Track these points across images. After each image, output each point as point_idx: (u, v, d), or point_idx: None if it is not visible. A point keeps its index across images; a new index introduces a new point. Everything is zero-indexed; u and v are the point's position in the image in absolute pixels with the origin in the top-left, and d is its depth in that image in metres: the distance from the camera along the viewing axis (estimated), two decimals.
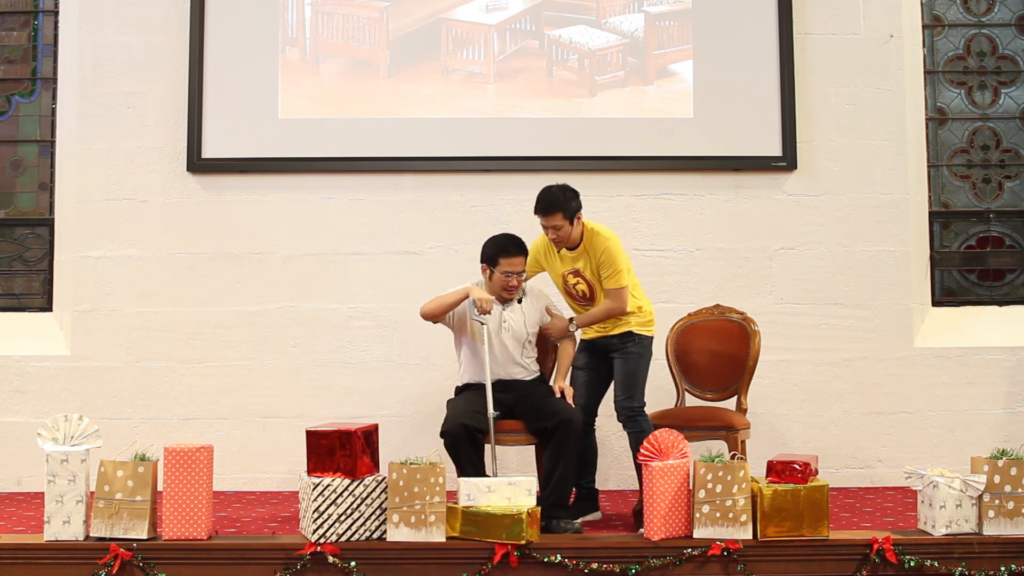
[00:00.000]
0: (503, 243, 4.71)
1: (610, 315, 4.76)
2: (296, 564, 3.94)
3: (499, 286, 4.71)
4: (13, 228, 6.26)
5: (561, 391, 4.70)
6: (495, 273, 4.70)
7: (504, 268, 4.67)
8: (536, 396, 4.70)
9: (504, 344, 4.74)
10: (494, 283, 4.73)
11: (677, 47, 6.05)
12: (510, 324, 4.76)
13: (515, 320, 4.77)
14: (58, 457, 3.99)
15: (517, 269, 4.68)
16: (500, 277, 4.69)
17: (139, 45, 6.05)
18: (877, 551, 3.94)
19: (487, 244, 4.76)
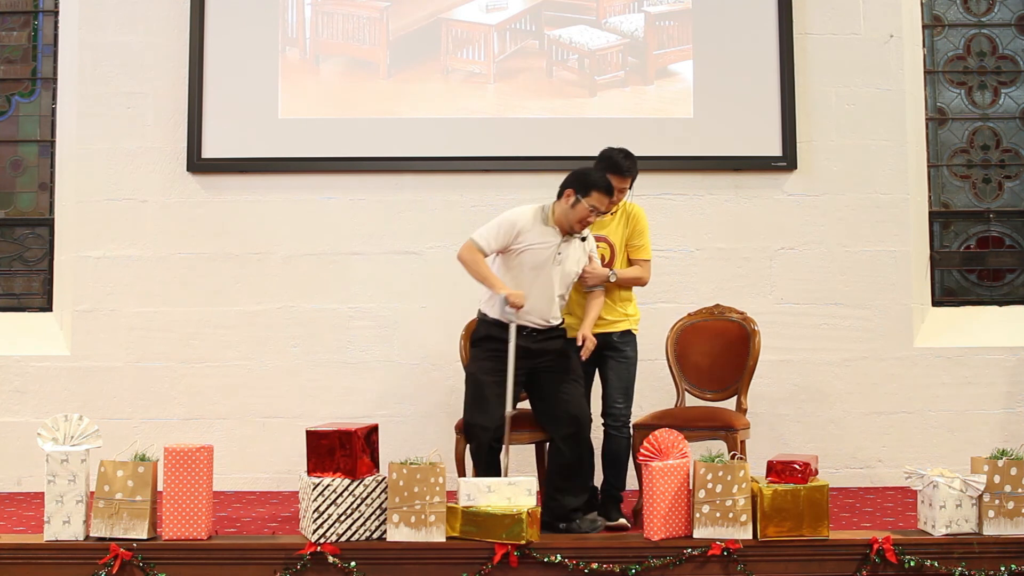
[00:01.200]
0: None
1: (638, 282, 4.75)
2: (296, 564, 3.94)
3: (576, 219, 4.39)
4: (13, 228, 6.26)
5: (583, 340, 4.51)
6: (581, 203, 4.37)
7: (594, 202, 4.36)
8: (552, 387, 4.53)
9: (551, 280, 4.44)
10: (574, 213, 4.39)
11: (677, 47, 6.05)
12: (563, 260, 4.46)
13: (570, 258, 4.49)
14: (58, 457, 3.99)
15: (605, 209, 4.43)
16: (584, 210, 4.36)
17: (139, 45, 6.05)
18: (877, 551, 3.94)
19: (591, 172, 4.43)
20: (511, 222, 4.49)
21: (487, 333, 4.53)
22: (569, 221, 4.43)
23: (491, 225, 4.52)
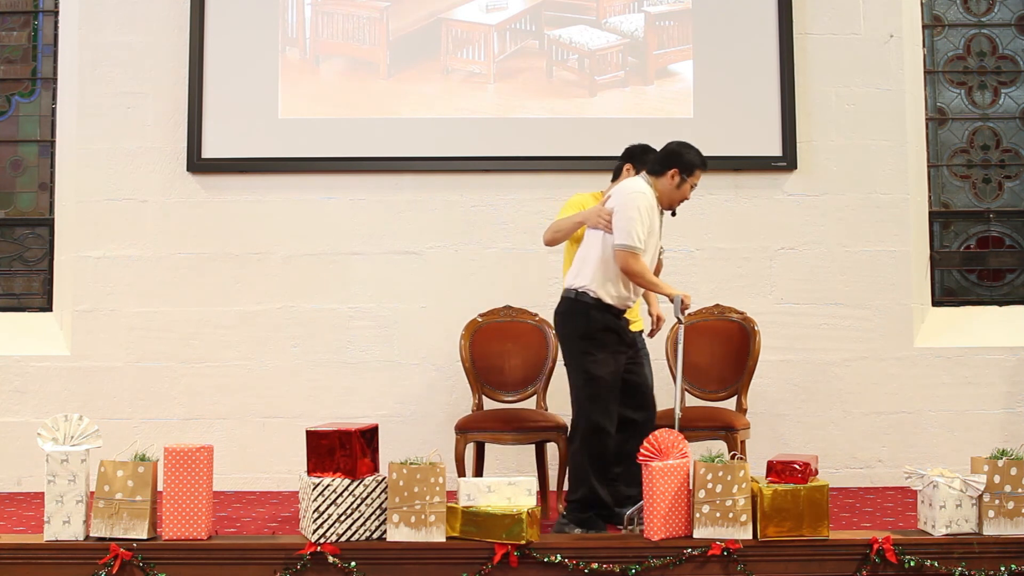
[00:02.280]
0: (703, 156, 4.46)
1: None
2: (296, 564, 3.93)
3: (680, 197, 4.39)
4: (13, 228, 6.26)
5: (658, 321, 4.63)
6: (685, 183, 4.36)
7: (695, 181, 4.39)
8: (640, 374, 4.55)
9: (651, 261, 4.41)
10: (679, 192, 4.38)
11: (677, 47, 6.05)
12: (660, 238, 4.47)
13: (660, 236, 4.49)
14: (58, 457, 3.99)
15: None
16: (688, 189, 4.38)
17: (139, 45, 6.05)
18: (877, 551, 3.94)
19: (688, 151, 4.40)
20: (648, 208, 4.33)
21: (607, 324, 4.34)
22: (672, 200, 4.40)
23: (630, 221, 4.26)
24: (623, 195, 4.34)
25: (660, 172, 4.39)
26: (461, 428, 4.87)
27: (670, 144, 4.47)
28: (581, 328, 4.35)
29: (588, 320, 4.33)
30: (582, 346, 4.35)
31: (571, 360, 4.41)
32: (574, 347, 4.38)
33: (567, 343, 4.43)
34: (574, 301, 4.37)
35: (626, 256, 4.25)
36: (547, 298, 5.90)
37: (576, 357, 4.37)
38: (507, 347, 5.28)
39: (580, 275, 4.40)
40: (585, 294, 4.35)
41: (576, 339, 4.37)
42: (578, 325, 4.35)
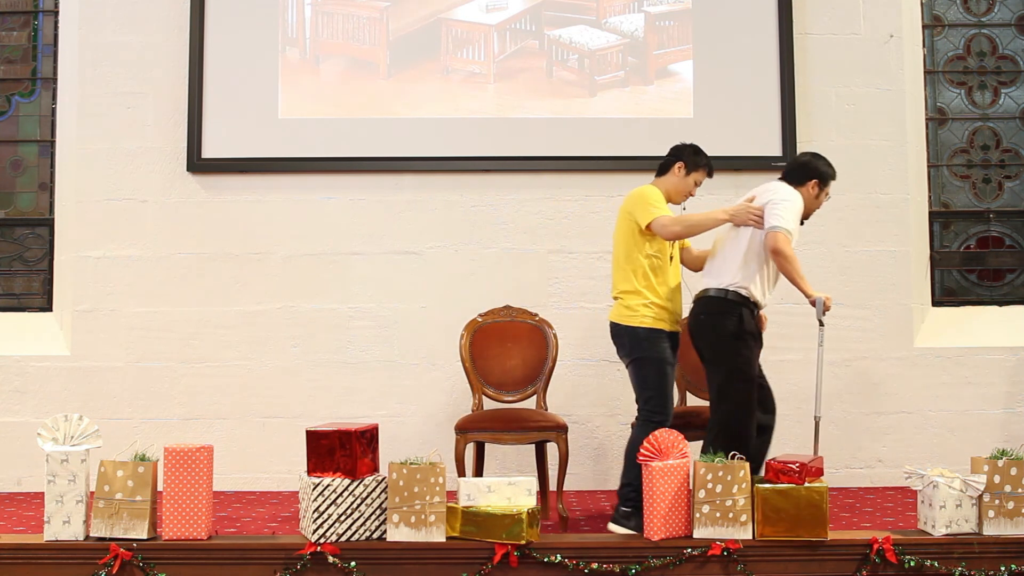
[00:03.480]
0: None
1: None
2: (296, 564, 3.94)
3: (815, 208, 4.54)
4: (13, 228, 6.26)
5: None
6: (821, 193, 4.51)
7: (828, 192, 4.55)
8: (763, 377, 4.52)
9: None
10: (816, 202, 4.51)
11: (677, 47, 6.05)
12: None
13: None
14: (58, 457, 3.99)
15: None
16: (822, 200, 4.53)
17: (139, 45, 6.05)
18: (877, 551, 3.94)
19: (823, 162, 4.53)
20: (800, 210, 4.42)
21: (754, 325, 4.40)
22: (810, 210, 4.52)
23: (787, 208, 4.34)
24: (777, 191, 4.42)
25: (801, 182, 4.48)
26: (461, 428, 4.87)
27: (805, 156, 4.61)
28: (733, 327, 4.35)
29: (740, 319, 4.36)
30: (736, 346, 4.35)
31: (720, 359, 4.38)
32: (726, 346, 4.36)
33: (717, 342, 4.39)
34: (724, 300, 4.38)
35: (779, 237, 4.27)
36: (547, 298, 5.92)
37: (728, 357, 4.36)
38: (507, 347, 5.28)
39: (726, 273, 4.41)
40: (737, 293, 4.37)
41: (729, 338, 4.35)
42: (730, 324, 4.35)
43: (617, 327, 4.51)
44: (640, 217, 4.44)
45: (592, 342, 5.94)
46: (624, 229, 4.53)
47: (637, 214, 4.46)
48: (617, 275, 4.56)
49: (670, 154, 4.66)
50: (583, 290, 5.97)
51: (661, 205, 4.46)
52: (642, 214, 4.43)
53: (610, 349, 5.91)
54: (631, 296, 4.47)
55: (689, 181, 4.59)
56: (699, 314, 4.46)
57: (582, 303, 5.97)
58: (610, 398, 5.93)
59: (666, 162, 4.66)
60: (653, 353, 4.40)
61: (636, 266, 4.47)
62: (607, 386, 5.93)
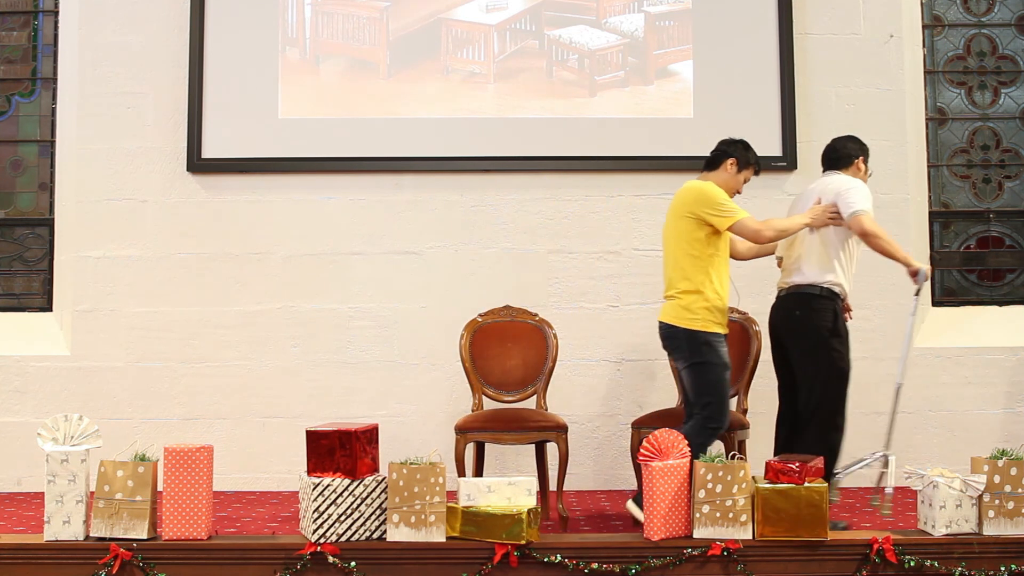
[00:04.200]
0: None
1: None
2: (296, 564, 3.94)
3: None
4: (13, 228, 6.26)
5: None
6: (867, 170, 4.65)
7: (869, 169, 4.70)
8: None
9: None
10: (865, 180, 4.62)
11: (677, 47, 6.05)
12: None
13: None
14: (58, 457, 3.99)
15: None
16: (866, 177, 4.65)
17: (139, 45, 6.05)
18: (877, 551, 3.94)
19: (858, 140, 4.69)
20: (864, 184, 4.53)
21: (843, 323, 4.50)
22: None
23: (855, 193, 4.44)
24: (840, 183, 4.52)
25: (849, 164, 4.61)
26: (461, 428, 4.87)
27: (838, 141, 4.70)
28: (829, 323, 4.43)
29: (835, 315, 4.44)
30: (832, 342, 4.43)
31: (816, 355, 4.44)
32: (822, 342, 4.43)
33: (813, 337, 4.44)
34: (819, 296, 4.43)
35: (862, 219, 4.37)
36: (547, 298, 5.92)
37: (824, 352, 4.42)
38: (507, 347, 5.29)
39: (812, 269, 4.46)
40: (829, 288, 4.43)
41: (826, 334, 4.42)
42: (826, 320, 4.42)
43: (673, 329, 4.43)
44: (715, 218, 4.37)
45: (592, 342, 5.95)
46: (684, 227, 4.43)
47: (708, 214, 4.37)
48: (674, 274, 4.47)
49: (719, 149, 4.62)
50: (583, 290, 5.97)
51: (736, 205, 4.42)
52: (717, 215, 4.36)
53: (610, 349, 5.95)
54: (690, 296, 4.39)
55: (740, 178, 4.59)
56: (792, 310, 4.48)
57: (582, 303, 5.97)
58: (610, 398, 5.93)
59: (715, 157, 4.61)
60: (714, 358, 4.37)
61: (697, 265, 4.40)
62: (607, 386, 5.93)
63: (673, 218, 4.49)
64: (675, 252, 4.46)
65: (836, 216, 4.44)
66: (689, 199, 4.44)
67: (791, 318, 4.48)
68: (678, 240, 4.45)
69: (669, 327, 4.45)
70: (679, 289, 4.43)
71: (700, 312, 4.37)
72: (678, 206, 4.48)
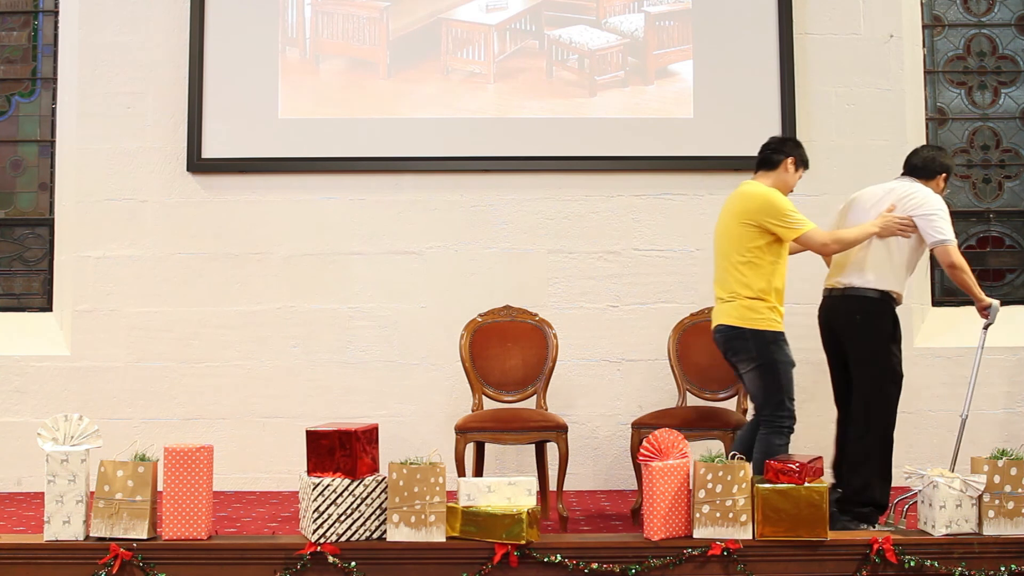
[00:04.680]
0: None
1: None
2: (296, 564, 3.93)
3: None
4: (13, 228, 6.27)
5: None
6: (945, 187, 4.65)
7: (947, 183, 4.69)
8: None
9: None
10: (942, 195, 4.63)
11: (677, 47, 6.05)
12: None
13: None
14: (58, 457, 3.99)
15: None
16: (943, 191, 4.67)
17: (139, 45, 6.05)
18: (877, 551, 3.94)
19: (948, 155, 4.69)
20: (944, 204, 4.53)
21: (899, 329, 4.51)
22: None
23: (942, 219, 4.44)
24: (922, 196, 4.47)
25: (931, 177, 4.58)
26: (461, 428, 4.87)
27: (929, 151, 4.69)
28: (889, 328, 4.44)
29: (894, 321, 4.45)
30: (892, 348, 4.44)
31: (876, 359, 4.43)
32: (882, 347, 4.43)
33: (874, 342, 4.43)
34: (880, 301, 4.43)
35: (950, 250, 4.40)
36: (547, 298, 5.92)
37: (883, 357, 4.43)
38: (507, 347, 5.29)
39: (872, 272, 4.44)
40: (889, 294, 4.44)
41: (886, 339, 4.43)
42: (886, 325, 4.43)
43: (738, 330, 4.39)
44: (781, 229, 4.36)
45: (592, 342, 5.95)
46: (745, 234, 4.39)
47: (773, 224, 4.35)
48: (731, 277, 4.43)
49: (773, 149, 4.56)
50: (583, 290, 5.97)
51: (802, 215, 4.41)
52: (785, 226, 4.35)
53: (610, 349, 5.95)
54: (753, 299, 4.37)
55: (797, 177, 4.56)
56: (852, 313, 4.45)
57: (582, 303, 5.97)
58: (610, 398, 5.94)
59: (769, 157, 4.55)
60: (782, 356, 4.39)
61: (758, 272, 4.37)
62: (607, 386, 5.94)
63: (732, 223, 4.44)
64: (733, 257, 4.42)
65: (907, 228, 4.42)
66: (754, 207, 4.38)
67: (850, 321, 4.46)
68: (738, 247, 4.41)
69: (733, 328, 4.40)
70: (741, 293, 4.39)
71: (764, 312, 4.37)
72: (740, 212, 4.41)
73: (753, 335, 4.35)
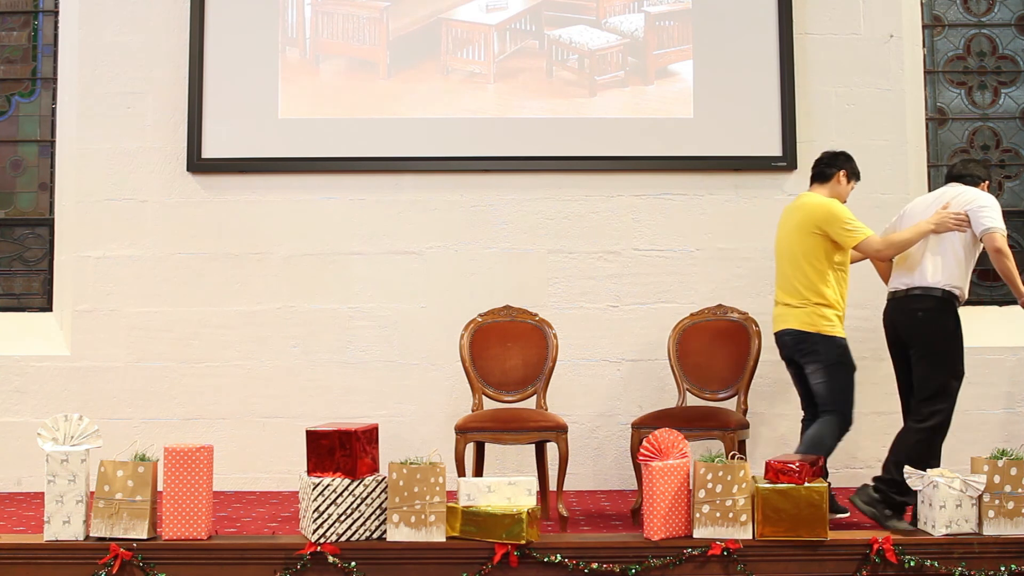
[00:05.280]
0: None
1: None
2: (296, 564, 3.94)
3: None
4: (13, 228, 6.27)
5: None
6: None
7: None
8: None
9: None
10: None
11: (677, 47, 6.05)
12: None
13: None
14: (58, 457, 3.99)
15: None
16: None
17: (139, 45, 6.05)
18: (877, 551, 3.94)
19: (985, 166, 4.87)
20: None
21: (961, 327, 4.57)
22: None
23: (993, 211, 4.52)
24: (974, 193, 4.61)
25: (977, 183, 4.72)
26: (461, 428, 4.87)
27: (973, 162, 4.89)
28: (952, 326, 4.52)
29: (957, 319, 4.53)
30: (955, 345, 4.52)
31: (940, 355, 4.52)
32: (947, 344, 4.52)
33: (939, 339, 4.52)
34: (943, 300, 4.51)
35: (996, 237, 4.46)
36: (547, 298, 5.92)
37: (948, 354, 4.52)
38: (507, 347, 5.29)
39: (933, 272, 4.54)
40: (951, 292, 4.52)
41: (950, 337, 4.52)
42: (951, 323, 4.52)
43: (808, 335, 4.66)
44: (842, 236, 4.64)
45: (592, 342, 5.95)
46: (810, 243, 4.68)
47: (835, 232, 4.64)
48: (799, 283, 4.70)
49: (827, 164, 4.88)
50: (583, 290, 5.97)
51: (859, 222, 4.66)
52: (843, 233, 4.63)
53: (610, 349, 5.95)
54: (824, 307, 4.67)
55: (849, 188, 4.88)
56: (915, 311, 4.55)
57: (582, 303, 5.97)
58: (610, 398, 5.94)
59: (823, 172, 4.87)
60: (850, 361, 4.68)
61: (824, 279, 4.68)
62: (607, 386, 5.94)
63: (798, 233, 4.72)
64: (801, 265, 4.70)
65: (962, 223, 4.53)
66: (818, 217, 4.67)
67: (915, 319, 4.56)
68: (804, 255, 4.69)
69: (802, 333, 4.67)
70: (811, 300, 4.68)
71: (834, 319, 4.68)
72: (805, 223, 4.70)
73: (823, 340, 4.64)
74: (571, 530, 4.63)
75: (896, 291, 4.65)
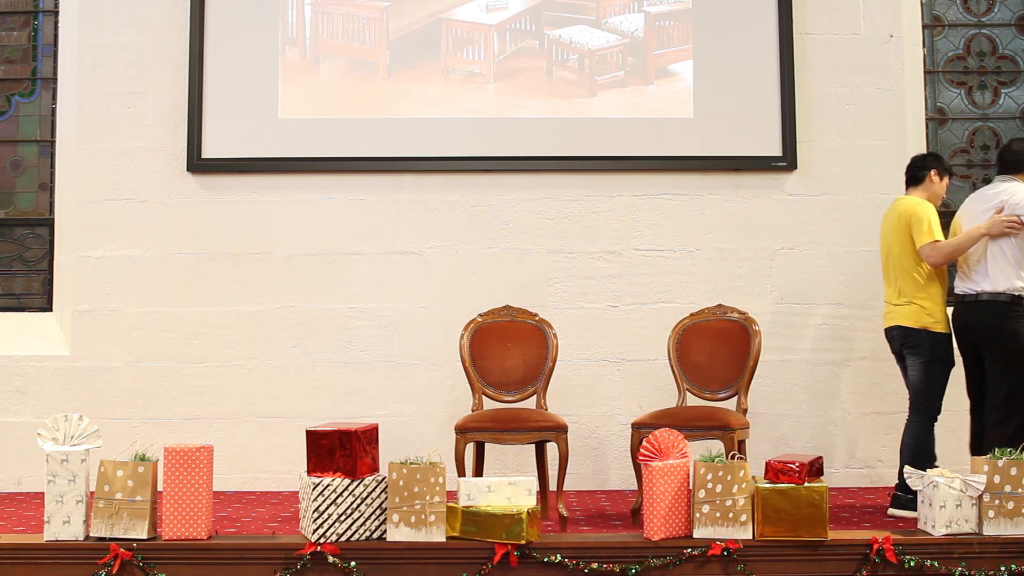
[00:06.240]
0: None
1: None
2: (296, 564, 3.94)
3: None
4: (13, 228, 6.27)
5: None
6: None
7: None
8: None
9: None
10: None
11: (677, 47, 6.05)
12: None
13: None
14: (58, 457, 3.99)
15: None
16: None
17: (139, 45, 6.05)
18: (877, 551, 3.94)
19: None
20: None
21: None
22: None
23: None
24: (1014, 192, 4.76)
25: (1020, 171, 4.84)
26: (461, 428, 4.87)
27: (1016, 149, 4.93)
28: (1021, 329, 4.74)
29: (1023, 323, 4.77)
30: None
31: (1012, 359, 4.73)
32: (1016, 346, 4.73)
33: (1011, 342, 4.73)
34: (1011, 305, 4.75)
35: None
36: (547, 298, 5.92)
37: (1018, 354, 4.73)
38: (507, 347, 5.28)
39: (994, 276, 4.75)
40: (1019, 296, 4.75)
41: (1020, 339, 4.72)
42: (1018, 327, 4.74)
43: (915, 331, 4.86)
44: (915, 235, 4.86)
45: (592, 342, 5.95)
46: (905, 243, 4.90)
47: (912, 232, 4.87)
48: (904, 281, 4.91)
49: (918, 166, 5.08)
50: (583, 290, 5.98)
51: (935, 228, 4.84)
52: (915, 233, 4.85)
53: (610, 349, 5.96)
54: (928, 303, 4.88)
55: (943, 185, 5.07)
56: (987, 318, 4.77)
57: (582, 303, 5.97)
58: (610, 398, 5.94)
59: (915, 175, 5.07)
60: (948, 357, 4.90)
61: (927, 275, 4.89)
62: (607, 386, 5.94)
63: (896, 235, 4.93)
64: (905, 265, 4.91)
65: (1015, 226, 4.70)
66: (905, 218, 4.90)
67: (987, 325, 4.77)
68: (901, 255, 4.92)
69: (911, 330, 4.88)
70: (917, 298, 4.88)
71: (940, 316, 4.89)
72: (897, 225, 4.93)
73: (929, 336, 4.85)
74: (571, 530, 4.63)
75: (965, 295, 4.85)
